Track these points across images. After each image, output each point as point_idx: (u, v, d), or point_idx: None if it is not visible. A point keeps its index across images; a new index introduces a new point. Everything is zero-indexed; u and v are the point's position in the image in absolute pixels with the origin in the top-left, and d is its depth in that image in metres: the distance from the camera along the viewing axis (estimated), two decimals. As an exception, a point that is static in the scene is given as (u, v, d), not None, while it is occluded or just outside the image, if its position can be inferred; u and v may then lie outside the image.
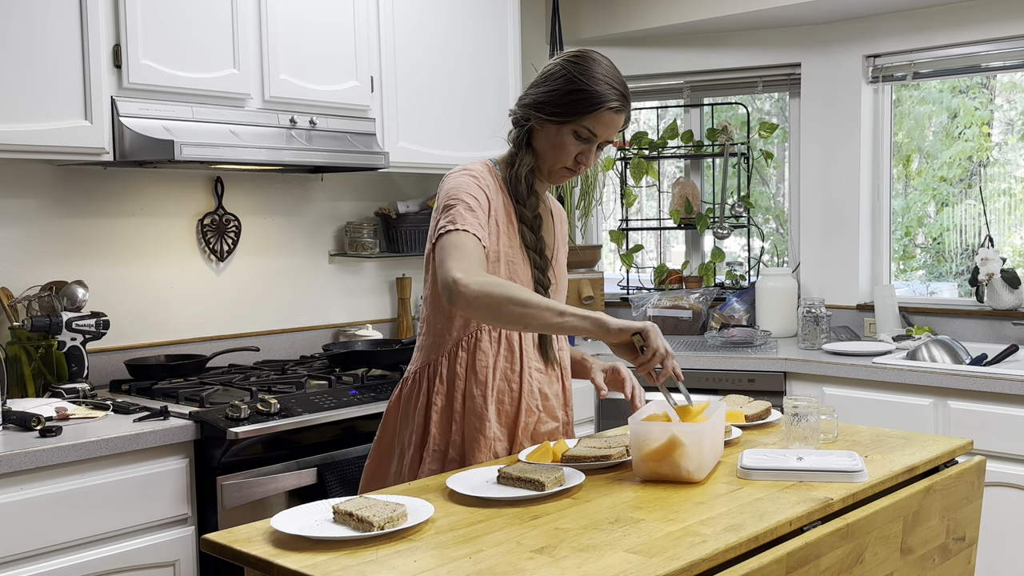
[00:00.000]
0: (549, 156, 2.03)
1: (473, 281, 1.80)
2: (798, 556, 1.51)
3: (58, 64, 2.55)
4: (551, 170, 2.06)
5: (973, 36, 3.67)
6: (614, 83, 1.99)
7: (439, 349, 2.06)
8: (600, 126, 1.99)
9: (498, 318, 1.83)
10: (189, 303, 3.22)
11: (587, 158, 2.04)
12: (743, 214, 4.23)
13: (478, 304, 1.80)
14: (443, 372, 2.05)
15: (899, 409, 3.22)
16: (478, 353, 2.04)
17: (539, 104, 2.01)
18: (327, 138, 3.06)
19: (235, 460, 2.51)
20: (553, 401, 2.14)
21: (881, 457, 1.94)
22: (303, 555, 1.44)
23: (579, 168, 2.05)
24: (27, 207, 2.86)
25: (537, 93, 2.02)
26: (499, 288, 1.81)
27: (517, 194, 2.05)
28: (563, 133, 2.00)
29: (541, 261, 2.07)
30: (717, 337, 3.82)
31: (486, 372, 2.03)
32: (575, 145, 2.01)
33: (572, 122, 1.98)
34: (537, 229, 2.07)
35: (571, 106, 1.97)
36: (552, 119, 1.99)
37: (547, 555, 1.42)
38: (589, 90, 1.96)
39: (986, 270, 3.61)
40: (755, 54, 4.16)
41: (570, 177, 2.09)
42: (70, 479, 2.27)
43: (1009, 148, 4.03)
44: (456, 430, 2.03)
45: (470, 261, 1.85)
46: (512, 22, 3.76)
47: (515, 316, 1.81)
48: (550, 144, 2.02)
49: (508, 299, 1.80)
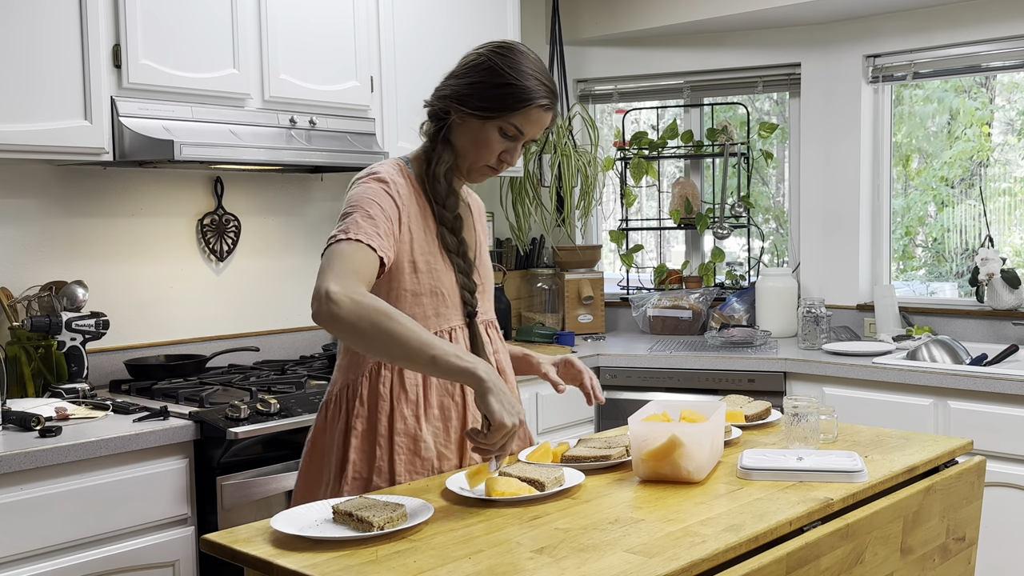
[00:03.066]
0: (470, 153, 1.90)
1: (345, 297, 1.64)
2: (798, 556, 1.51)
3: (58, 64, 2.55)
4: (471, 168, 1.93)
5: (973, 36, 3.67)
6: (543, 79, 1.87)
7: (358, 369, 1.91)
8: (528, 124, 1.87)
9: (362, 344, 1.68)
10: (189, 303, 3.22)
11: (511, 156, 1.91)
12: (743, 214, 4.23)
13: (345, 325, 1.64)
14: (363, 394, 1.89)
15: (899, 409, 3.22)
16: (406, 372, 1.88)
17: (462, 97, 1.86)
18: (327, 138, 3.06)
19: (235, 460, 2.51)
20: None
21: (881, 457, 1.94)
22: (303, 555, 1.44)
23: (501, 167, 1.92)
24: (27, 207, 2.86)
25: (459, 85, 1.88)
26: (372, 312, 1.64)
27: (435, 194, 1.91)
28: (488, 129, 1.87)
29: (465, 264, 1.94)
30: (717, 337, 3.82)
31: (417, 390, 1.89)
32: (500, 142, 1.88)
33: (498, 118, 1.85)
34: (458, 231, 1.94)
35: (498, 101, 1.84)
36: (477, 114, 1.86)
37: (547, 555, 1.42)
38: (518, 85, 1.84)
39: (986, 270, 3.61)
40: (755, 54, 4.16)
41: (490, 176, 1.95)
42: (70, 479, 2.27)
43: (1009, 148, 4.03)
44: (381, 455, 1.86)
45: (351, 274, 1.68)
46: (512, 22, 3.76)
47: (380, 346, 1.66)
48: (472, 140, 1.88)
49: (377, 326, 1.63)
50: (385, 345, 1.65)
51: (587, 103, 4.53)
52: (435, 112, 1.93)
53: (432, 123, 1.94)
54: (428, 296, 1.90)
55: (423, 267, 1.88)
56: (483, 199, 4.21)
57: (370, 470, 1.88)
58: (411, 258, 1.87)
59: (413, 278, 1.87)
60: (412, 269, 1.87)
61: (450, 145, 1.91)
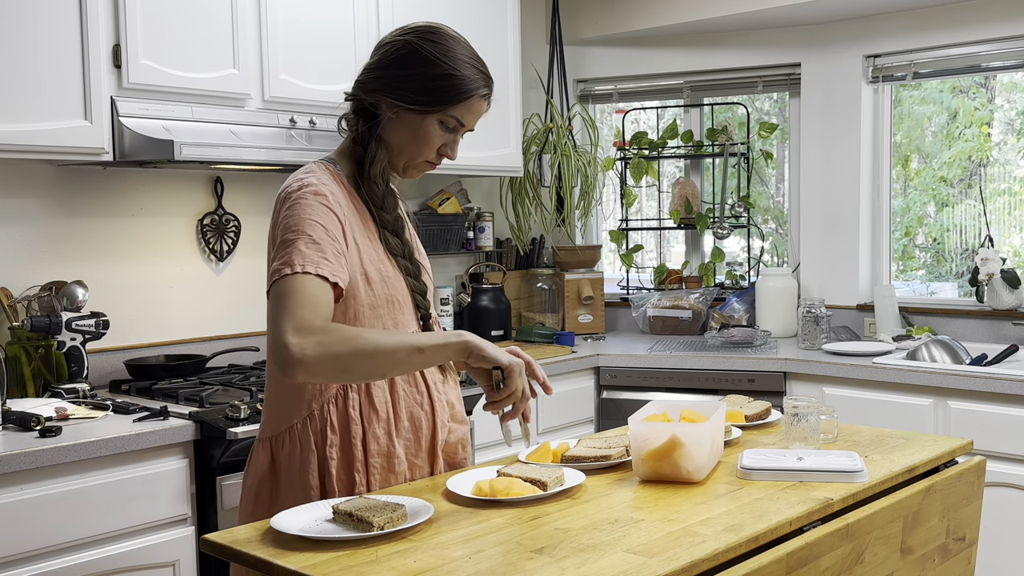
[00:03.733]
0: (408, 149, 1.78)
1: (309, 344, 1.54)
2: (798, 556, 1.51)
3: (58, 64, 2.55)
4: (408, 164, 1.82)
5: (973, 36, 3.67)
6: (478, 65, 1.78)
7: (320, 396, 1.75)
8: (469, 114, 1.77)
9: (350, 377, 1.62)
10: (189, 303, 3.22)
11: (451, 149, 1.80)
12: (743, 214, 4.23)
13: (322, 369, 1.56)
14: (333, 421, 1.75)
15: (899, 409, 3.22)
16: (373, 389, 1.77)
17: (396, 90, 1.73)
18: (327, 138, 3.06)
19: (235, 460, 2.50)
20: (458, 406, 1.93)
21: (881, 457, 1.94)
22: (303, 555, 1.44)
23: (439, 160, 1.82)
24: (27, 207, 2.86)
25: (390, 77, 1.74)
26: (342, 345, 1.56)
27: (373, 197, 1.79)
28: (428, 124, 1.75)
29: (413, 267, 1.85)
30: (717, 337, 3.82)
31: (387, 407, 1.78)
32: (440, 136, 1.77)
33: (438, 111, 1.74)
34: (401, 232, 1.84)
35: (438, 93, 1.73)
36: (415, 108, 1.74)
37: (547, 555, 1.42)
38: (458, 75, 1.73)
39: (986, 270, 3.61)
40: (755, 54, 4.16)
41: (428, 170, 1.85)
42: (70, 479, 2.27)
43: (1009, 148, 4.03)
44: (360, 480, 1.76)
45: (307, 313, 1.57)
46: (512, 22, 3.76)
47: (368, 370, 1.60)
48: (411, 136, 1.76)
49: (355, 353, 1.57)
50: (370, 368, 1.61)
51: (587, 103, 4.53)
52: (362, 107, 1.79)
53: (358, 119, 1.79)
54: (384, 306, 1.78)
55: (375, 276, 1.77)
56: (482, 200, 4.22)
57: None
58: (362, 270, 1.75)
59: (368, 290, 1.75)
60: (365, 281, 1.75)
61: (383, 142, 1.78)
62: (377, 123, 1.77)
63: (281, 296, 1.59)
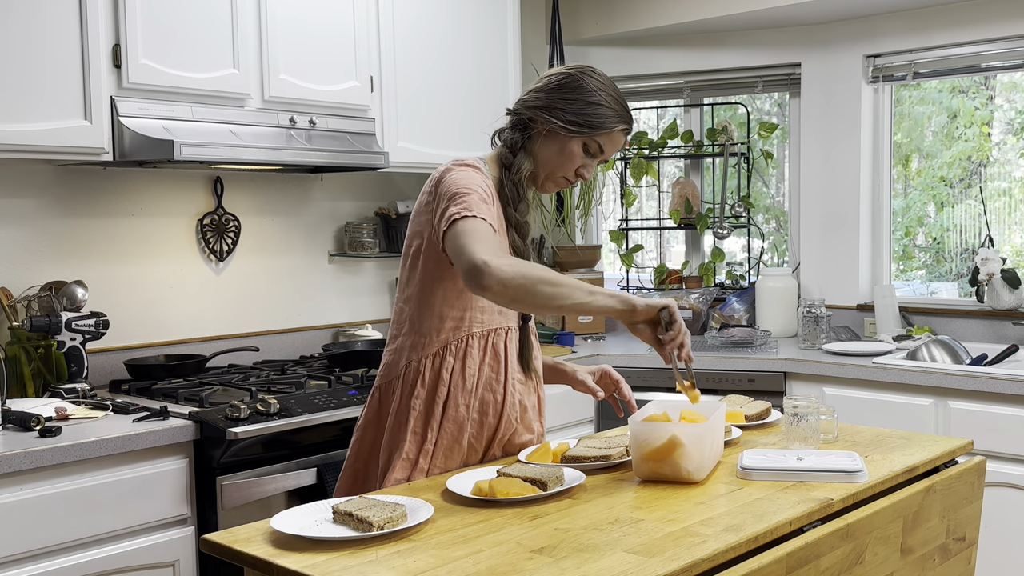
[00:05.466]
0: (551, 163, 1.99)
1: (505, 263, 1.71)
2: (798, 556, 1.51)
3: (58, 64, 2.55)
4: (548, 178, 2.02)
5: (973, 36, 3.67)
6: (624, 104, 2.01)
7: (421, 351, 1.96)
8: (609, 143, 2.00)
9: (530, 300, 1.74)
10: (189, 303, 3.22)
11: (588, 171, 2.02)
12: (743, 214, 4.23)
13: (512, 286, 1.70)
14: (425, 376, 1.96)
15: (899, 409, 3.22)
16: (468, 360, 1.96)
17: (553, 110, 1.96)
18: (327, 138, 3.06)
19: (235, 460, 2.51)
20: (531, 412, 2.07)
21: (881, 457, 1.94)
22: (303, 555, 1.44)
23: (575, 180, 2.02)
24: (27, 207, 2.86)
25: (550, 98, 1.97)
26: (531, 269, 1.73)
27: (512, 197, 1.98)
28: (573, 144, 1.97)
29: None
30: (717, 337, 3.82)
31: (473, 380, 1.96)
32: (581, 157, 1.99)
33: (585, 135, 1.97)
34: (525, 235, 2.01)
35: (590, 119, 1.95)
36: (566, 128, 1.96)
37: (547, 555, 1.42)
38: (607, 108, 1.97)
39: (986, 270, 3.61)
40: (755, 54, 4.16)
41: (563, 187, 2.06)
42: (70, 479, 2.27)
43: (1009, 148, 4.03)
44: (431, 438, 1.94)
45: (494, 246, 1.75)
46: (512, 22, 3.76)
47: (547, 296, 1.73)
48: (557, 152, 1.98)
49: (541, 280, 1.72)
50: (549, 296, 1.73)
51: (587, 103, 4.52)
52: (520, 121, 2.00)
53: (514, 132, 2.01)
54: None
55: None
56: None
57: (418, 452, 1.95)
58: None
59: None
60: None
61: (531, 153, 1.99)
62: (530, 136, 1.99)
63: (468, 231, 1.77)
